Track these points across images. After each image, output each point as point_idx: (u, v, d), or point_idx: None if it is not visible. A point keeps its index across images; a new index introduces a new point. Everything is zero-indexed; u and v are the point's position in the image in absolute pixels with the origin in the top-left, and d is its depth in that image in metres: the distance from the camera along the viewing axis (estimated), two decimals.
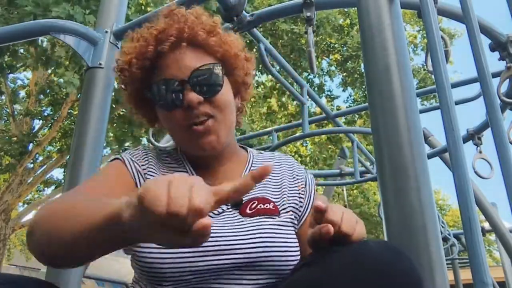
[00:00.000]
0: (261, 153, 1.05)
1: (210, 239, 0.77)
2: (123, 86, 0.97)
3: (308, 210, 0.96)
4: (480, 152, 2.50)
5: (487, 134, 2.53)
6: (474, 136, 2.57)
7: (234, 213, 0.87)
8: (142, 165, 0.91)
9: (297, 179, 0.99)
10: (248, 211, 0.87)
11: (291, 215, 0.92)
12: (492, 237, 11.00)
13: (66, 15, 4.90)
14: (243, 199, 0.90)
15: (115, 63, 0.97)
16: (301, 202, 0.96)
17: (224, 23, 1.00)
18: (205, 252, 0.78)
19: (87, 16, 5.07)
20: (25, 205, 11.28)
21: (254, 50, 2.96)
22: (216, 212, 0.87)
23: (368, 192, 13.55)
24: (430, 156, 2.92)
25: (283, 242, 0.83)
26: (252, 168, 0.98)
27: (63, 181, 8.98)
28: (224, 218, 0.86)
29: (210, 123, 0.87)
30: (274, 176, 0.97)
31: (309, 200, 0.97)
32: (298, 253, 0.85)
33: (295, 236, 0.88)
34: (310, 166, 11.19)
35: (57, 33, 1.69)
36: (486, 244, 17.20)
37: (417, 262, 0.87)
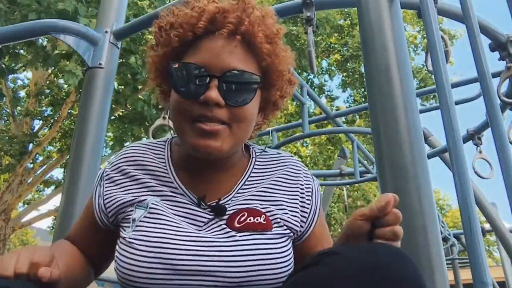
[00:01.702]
0: (265, 152, 0.94)
1: (193, 257, 0.73)
2: (153, 45, 0.86)
3: (314, 224, 0.87)
4: (480, 152, 2.50)
5: (487, 134, 2.53)
6: (474, 136, 2.57)
7: (221, 225, 0.79)
8: (107, 185, 0.87)
9: (303, 188, 0.88)
10: (236, 224, 0.78)
11: (285, 229, 0.82)
12: (492, 237, 11.00)
13: (72, 10, 4.94)
14: (231, 208, 0.81)
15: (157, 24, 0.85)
16: (304, 215, 0.86)
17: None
18: (188, 271, 0.73)
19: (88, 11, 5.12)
20: (25, 205, 11.28)
21: None
22: (201, 222, 0.79)
23: (368, 194, 13.55)
24: (430, 156, 2.92)
25: (276, 263, 0.76)
26: (247, 181, 0.87)
27: (63, 181, 8.98)
28: (210, 231, 0.79)
29: (221, 128, 0.77)
30: (272, 182, 0.87)
31: (315, 213, 0.88)
32: (288, 270, 0.78)
33: (288, 252, 0.80)
34: (310, 166, 11.20)
35: (57, 33, 1.69)
36: (486, 245, 17.20)
37: (417, 262, 0.87)
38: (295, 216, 0.84)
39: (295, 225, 0.84)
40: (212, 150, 0.77)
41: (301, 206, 0.86)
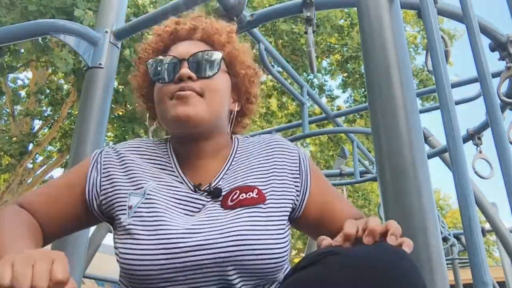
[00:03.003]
0: (247, 137, 1.02)
1: (189, 235, 0.78)
2: (138, 77, 1.01)
3: (308, 190, 0.92)
4: (480, 152, 2.50)
5: (487, 134, 2.53)
6: (474, 136, 2.57)
7: (215, 207, 0.84)
8: (104, 170, 0.90)
9: (290, 159, 0.94)
10: (229, 202, 0.84)
11: (280, 201, 0.87)
12: (492, 237, 11.00)
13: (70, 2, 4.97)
14: (223, 189, 0.87)
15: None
16: (297, 184, 0.91)
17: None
18: (185, 248, 0.77)
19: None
20: None
21: (254, 50, 2.96)
22: (196, 208, 0.85)
23: (369, 194, 13.54)
24: (430, 156, 2.92)
25: (263, 235, 0.79)
26: (233, 161, 0.94)
27: None
28: (205, 212, 0.84)
29: (195, 95, 0.88)
30: (259, 159, 0.93)
31: (307, 180, 0.92)
32: (283, 247, 0.81)
33: (283, 226, 0.84)
34: None
35: (57, 33, 1.69)
36: (486, 245, 17.20)
37: (417, 262, 0.87)
38: (286, 185, 0.90)
39: (290, 193, 0.90)
40: (189, 116, 0.86)
41: (290, 174, 0.92)
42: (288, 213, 0.88)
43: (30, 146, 8.11)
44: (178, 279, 0.77)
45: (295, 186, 0.91)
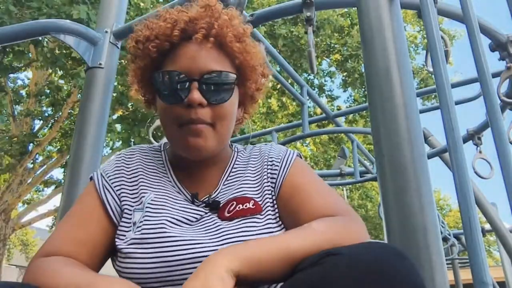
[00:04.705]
0: (245, 149, 1.00)
1: (186, 247, 0.77)
2: (132, 58, 0.93)
3: (280, 181, 0.88)
4: (480, 152, 2.50)
5: (487, 134, 2.53)
6: (474, 136, 2.57)
7: (212, 218, 0.84)
8: (115, 185, 0.88)
9: (274, 162, 0.92)
10: (226, 214, 0.83)
11: (272, 208, 0.86)
12: (492, 237, 11.00)
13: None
14: (221, 200, 0.86)
15: (131, 40, 0.92)
16: (273, 180, 0.89)
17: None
18: (181, 260, 0.76)
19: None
20: (25, 205, 11.28)
21: None
22: (194, 218, 0.84)
23: (370, 191, 13.54)
24: (430, 156, 2.92)
25: None
26: (231, 173, 0.93)
27: (63, 181, 8.98)
28: (203, 223, 0.83)
29: (206, 128, 0.84)
30: (253, 171, 0.92)
31: (280, 180, 0.89)
32: None
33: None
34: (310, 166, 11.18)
35: (57, 33, 1.69)
36: (486, 244, 17.20)
37: (417, 262, 0.87)
38: (270, 189, 0.88)
39: (273, 198, 0.87)
40: (200, 148, 0.84)
41: (271, 177, 0.90)
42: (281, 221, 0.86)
43: (30, 146, 8.12)
44: None
45: (272, 182, 0.90)
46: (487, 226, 3.86)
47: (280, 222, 0.86)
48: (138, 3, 6.27)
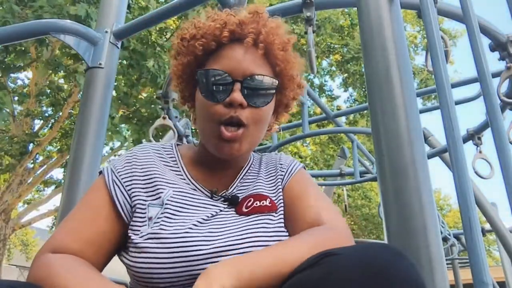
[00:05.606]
0: (260, 155, 1.04)
1: (205, 242, 0.78)
2: (175, 55, 0.96)
3: (284, 184, 0.94)
4: (480, 152, 2.50)
5: (487, 134, 2.53)
6: (474, 136, 2.57)
7: (230, 213, 0.86)
8: (126, 182, 0.87)
9: (282, 166, 0.97)
10: (244, 209, 0.86)
11: (282, 208, 0.90)
12: (492, 237, 11.00)
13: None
14: (240, 196, 0.89)
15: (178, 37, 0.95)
16: (280, 182, 0.94)
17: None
18: (201, 255, 0.77)
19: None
20: (25, 205, 11.28)
21: None
22: (213, 213, 0.85)
23: (370, 192, 13.53)
24: (430, 156, 2.92)
25: (276, 241, 0.81)
26: (247, 173, 0.97)
27: (63, 181, 8.98)
28: (221, 218, 0.85)
29: (240, 133, 0.86)
30: (266, 173, 0.97)
31: (287, 177, 0.94)
32: None
33: (288, 235, 0.85)
34: (310, 167, 11.19)
35: (57, 33, 1.70)
36: (486, 244, 17.19)
37: (417, 262, 0.87)
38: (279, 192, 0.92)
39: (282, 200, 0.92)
40: (233, 152, 0.87)
41: (278, 182, 0.94)
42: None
43: (30, 146, 8.12)
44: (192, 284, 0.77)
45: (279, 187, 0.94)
46: (487, 226, 3.86)
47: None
48: (145, 4, 6.30)
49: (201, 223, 0.82)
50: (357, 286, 0.60)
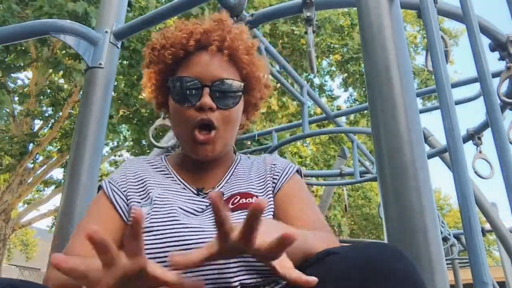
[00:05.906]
0: (249, 158, 1.08)
1: (192, 235, 0.82)
2: (147, 64, 1.02)
3: (279, 186, 0.97)
4: (480, 152, 2.50)
5: (487, 134, 2.53)
6: (474, 136, 2.57)
7: None
8: (122, 187, 0.94)
9: (276, 168, 1.00)
10: (230, 206, 0.90)
11: (272, 208, 0.93)
12: (492, 237, 10.99)
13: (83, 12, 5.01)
14: (225, 194, 0.93)
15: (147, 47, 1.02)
16: (274, 183, 0.97)
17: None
18: (189, 245, 0.80)
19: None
20: (25, 205, 11.28)
21: None
22: (199, 209, 0.90)
23: (370, 192, 13.53)
24: (430, 156, 2.92)
25: None
26: (234, 172, 1.01)
27: (63, 181, 8.98)
28: (208, 214, 0.89)
29: (212, 134, 0.92)
30: (256, 174, 1.00)
31: (283, 179, 0.98)
32: None
33: None
34: (310, 167, 11.19)
35: (56, 33, 1.69)
36: (486, 244, 17.19)
37: (417, 262, 0.87)
38: (271, 193, 0.96)
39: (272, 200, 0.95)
40: (208, 153, 0.93)
41: (272, 182, 0.98)
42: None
43: (30, 146, 8.12)
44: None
45: (273, 184, 0.98)
46: (487, 226, 3.86)
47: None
48: (145, 4, 6.29)
49: (188, 217, 0.87)
50: (357, 285, 0.60)
